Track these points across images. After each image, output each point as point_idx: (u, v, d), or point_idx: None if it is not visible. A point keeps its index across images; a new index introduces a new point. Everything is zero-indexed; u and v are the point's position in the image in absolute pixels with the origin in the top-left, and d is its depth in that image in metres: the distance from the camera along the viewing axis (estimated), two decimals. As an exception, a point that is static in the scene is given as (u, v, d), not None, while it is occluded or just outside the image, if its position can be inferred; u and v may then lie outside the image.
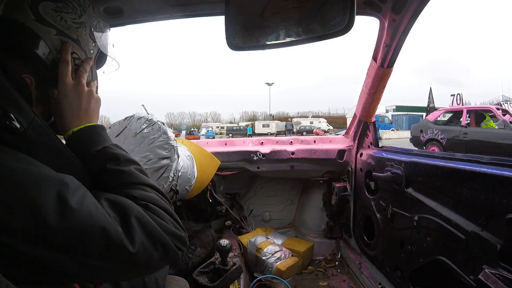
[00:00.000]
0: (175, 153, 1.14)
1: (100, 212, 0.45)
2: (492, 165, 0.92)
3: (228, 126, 42.81)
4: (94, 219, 0.43)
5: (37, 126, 0.49)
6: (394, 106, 38.97)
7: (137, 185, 0.56)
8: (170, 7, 1.09)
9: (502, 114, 7.41)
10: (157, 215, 0.52)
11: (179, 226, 0.55)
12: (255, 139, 2.11)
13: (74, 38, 0.61)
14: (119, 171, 0.56)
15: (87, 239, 0.42)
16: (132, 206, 0.50)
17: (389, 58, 1.36)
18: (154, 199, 0.55)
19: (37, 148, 0.48)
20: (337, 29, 0.74)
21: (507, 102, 15.69)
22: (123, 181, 0.56)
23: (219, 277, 1.22)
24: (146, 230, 0.48)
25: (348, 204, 1.95)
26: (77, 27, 0.61)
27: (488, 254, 0.85)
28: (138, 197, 0.53)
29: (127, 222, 0.47)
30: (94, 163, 0.57)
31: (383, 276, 1.53)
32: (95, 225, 0.43)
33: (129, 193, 0.53)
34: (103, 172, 0.56)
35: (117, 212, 0.48)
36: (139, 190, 0.55)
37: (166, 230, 0.51)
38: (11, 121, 0.44)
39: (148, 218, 0.50)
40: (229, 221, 2.07)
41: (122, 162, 0.58)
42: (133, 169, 0.58)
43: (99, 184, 0.55)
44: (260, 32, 0.86)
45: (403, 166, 1.30)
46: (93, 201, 0.46)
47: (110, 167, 0.56)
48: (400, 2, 1.11)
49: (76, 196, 0.44)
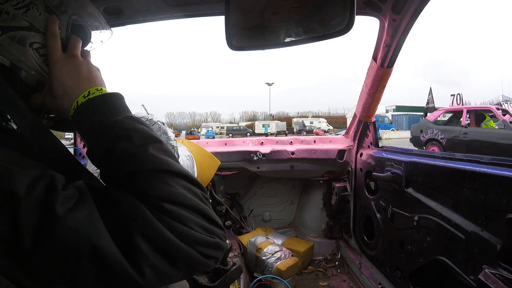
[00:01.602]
0: (175, 153, 1.14)
1: (92, 225, 0.35)
2: (492, 165, 0.92)
3: (228, 126, 42.83)
4: (81, 235, 0.34)
5: (36, 128, 0.46)
6: (394, 106, 39.00)
7: (154, 174, 0.41)
8: (170, 7, 1.09)
9: (502, 114, 7.42)
10: (179, 219, 0.39)
11: (213, 225, 0.42)
12: (255, 139, 2.11)
13: (25, 26, 0.49)
14: (130, 153, 0.42)
15: (71, 261, 0.33)
16: (138, 215, 0.37)
17: (389, 58, 1.36)
18: (176, 194, 0.40)
19: (34, 150, 0.44)
20: (337, 29, 0.74)
21: (507, 102, 15.68)
22: (135, 168, 0.41)
23: (219, 277, 1.22)
24: (158, 248, 0.36)
25: (348, 204, 1.95)
26: (25, 12, 0.49)
27: (488, 254, 0.85)
28: (152, 195, 0.39)
29: (128, 241, 0.35)
30: (99, 144, 0.44)
31: (383, 276, 1.53)
32: (82, 243, 0.34)
33: (142, 188, 0.39)
34: (110, 155, 0.43)
35: (119, 226, 0.36)
36: (156, 181, 0.40)
37: (191, 241, 0.39)
38: (7, 122, 0.42)
39: (162, 231, 0.37)
40: (229, 221, 2.07)
41: (136, 140, 0.43)
42: (151, 150, 0.43)
43: (104, 173, 0.44)
44: (260, 32, 0.86)
45: (403, 166, 1.30)
46: (86, 212, 0.35)
47: (120, 147, 0.42)
48: (400, 2, 1.11)
49: (63, 207, 0.34)
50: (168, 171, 0.42)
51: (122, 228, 0.36)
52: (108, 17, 1.08)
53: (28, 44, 0.50)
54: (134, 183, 0.40)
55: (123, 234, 0.36)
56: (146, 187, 0.39)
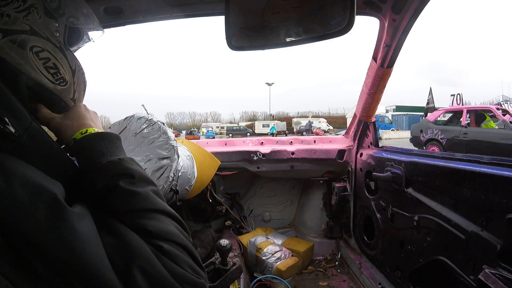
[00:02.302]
0: (175, 153, 1.14)
1: (98, 254, 0.37)
2: (492, 165, 0.92)
3: (228, 126, 42.78)
4: (87, 260, 0.36)
5: (35, 132, 0.45)
6: (394, 106, 38.96)
7: (153, 214, 0.46)
8: (170, 7, 1.09)
9: (502, 114, 7.42)
10: (173, 259, 0.42)
11: (199, 268, 0.45)
12: (255, 139, 2.11)
13: (26, 30, 0.51)
14: (133, 192, 0.46)
15: (73, 282, 0.35)
16: (140, 251, 0.40)
17: (389, 58, 1.36)
18: (172, 234, 0.45)
19: (32, 155, 0.44)
20: (337, 29, 0.74)
21: (507, 102, 15.68)
22: (137, 206, 0.45)
23: (219, 277, 1.22)
24: (153, 283, 0.39)
25: (348, 204, 1.95)
26: (26, 15, 0.51)
27: (488, 254, 0.85)
28: (153, 232, 0.43)
29: (128, 273, 0.38)
30: (101, 178, 0.46)
31: (383, 276, 1.53)
32: (86, 269, 0.35)
33: (143, 225, 0.43)
34: (112, 190, 0.45)
35: (120, 256, 0.38)
36: (155, 221, 0.45)
37: (183, 280, 0.41)
38: (5, 125, 0.42)
39: (159, 268, 0.40)
40: (229, 221, 2.07)
41: (138, 181, 0.47)
42: (150, 192, 0.48)
43: (103, 206, 0.45)
44: (260, 32, 0.86)
45: (403, 166, 1.30)
46: (93, 236, 0.38)
47: (123, 185, 0.45)
48: (400, 2, 1.11)
49: (71, 228, 0.37)
50: (164, 211, 0.47)
51: (124, 259, 0.38)
52: (108, 17, 1.08)
53: (29, 48, 0.51)
54: (137, 221, 0.44)
55: (123, 265, 0.38)
56: (147, 226, 0.43)
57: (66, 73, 0.58)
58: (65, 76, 0.58)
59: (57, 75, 0.56)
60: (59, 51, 0.57)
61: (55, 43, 0.56)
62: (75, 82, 0.61)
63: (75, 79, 0.61)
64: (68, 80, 0.59)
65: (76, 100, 0.63)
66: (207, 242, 1.62)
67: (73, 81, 0.60)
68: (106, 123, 55.82)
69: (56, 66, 0.56)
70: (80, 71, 0.63)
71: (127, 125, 1.27)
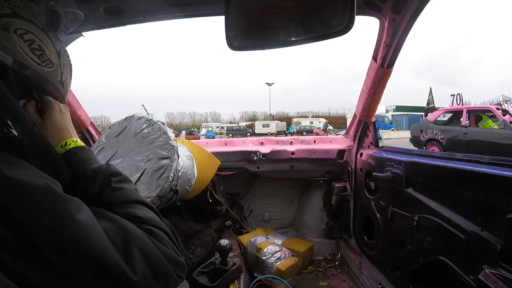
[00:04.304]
0: (175, 153, 1.14)
1: (100, 236, 0.42)
2: (492, 165, 0.92)
3: (228, 126, 42.74)
4: (93, 243, 0.41)
5: (35, 136, 0.48)
6: (394, 106, 38.93)
7: (140, 205, 0.54)
8: (170, 7, 1.09)
9: (502, 114, 7.42)
10: (161, 241, 0.50)
11: (179, 251, 0.53)
12: (255, 139, 2.11)
13: (8, 13, 0.52)
14: (123, 187, 0.54)
15: (81, 264, 0.40)
16: (136, 233, 0.47)
17: (389, 58, 1.36)
18: (157, 221, 0.53)
19: (32, 158, 0.46)
20: (337, 29, 0.74)
21: (507, 102, 15.67)
22: (127, 198, 0.53)
23: (219, 277, 1.22)
24: (149, 260, 0.46)
25: (348, 204, 1.95)
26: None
27: (488, 254, 0.85)
28: (144, 218, 0.51)
29: (128, 251, 0.44)
30: (96, 179, 0.53)
31: (383, 276, 1.53)
32: (93, 250, 0.41)
33: (135, 213, 0.51)
34: (106, 187, 0.53)
35: (119, 238, 0.45)
36: (142, 210, 0.53)
37: (169, 258, 0.49)
38: (8, 129, 0.43)
39: (152, 247, 0.47)
40: (229, 221, 2.07)
41: (124, 179, 0.56)
42: (133, 188, 0.57)
43: (100, 201, 0.52)
44: (260, 32, 0.86)
45: (403, 166, 1.30)
46: (94, 222, 0.43)
47: (115, 183, 0.54)
48: (400, 2, 1.11)
49: (77, 215, 0.41)
50: (147, 204, 0.56)
51: (123, 240, 0.45)
52: (108, 17, 1.08)
53: (13, 30, 0.51)
54: (129, 211, 0.52)
55: (123, 245, 0.44)
56: (138, 213, 0.52)
57: (52, 55, 0.58)
58: (51, 57, 0.58)
59: (43, 57, 0.56)
60: (43, 33, 0.56)
61: (38, 25, 0.56)
62: (61, 64, 0.61)
63: (61, 61, 0.60)
64: (55, 61, 0.59)
65: (64, 83, 0.62)
66: (207, 242, 1.62)
67: (59, 62, 0.60)
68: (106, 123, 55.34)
69: (42, 48, 0.55)
70: (65, 53, 0.63)
71: (127, 125, 1.27)
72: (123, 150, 1.22)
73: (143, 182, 1.10)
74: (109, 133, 1.31)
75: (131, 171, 1.14)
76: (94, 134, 1.71)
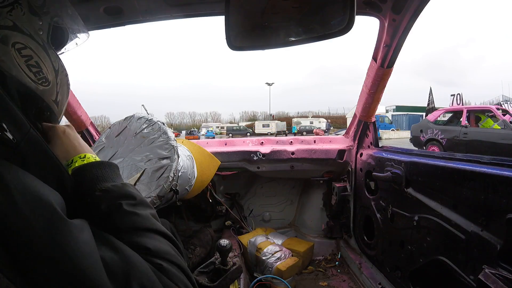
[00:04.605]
0: (175, 153, 1.14)
1: (96, 267, 0.37)
2: (492, 165, 0.92)
3: (228, 126, 42.72)
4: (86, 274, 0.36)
5: (32, 139, 0.45)
6: (394, 106, 38.93)
7: (152, 234, 0.48)
8: (170, 7, 1.09)
9: (502, 114, 7.41)
10: (172, 278, 0.44)
11: (192, 285, 0.47)
12: (255, 139, 2.11)
13: (9, 26, 0.49)
14: (135, 212, 0.49)
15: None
16: (140, 267, 0.41)
17: (389, 58, 1.36)
18: (170, 254, 0.47)
19: (30, 162, 0.44)
20: (337, 29, 0.74)
21: (507, 102, 15.67)
22: (138, 225, 0.48)
23: (219, 277, 1.22)
24: None
25: (348, 204, 1.95)
26: (9, 11, 0.49)
27: (488, 254, 0.85)
28: (153, 250, 0.45)
29: (128, 287, 0.39)
30: (104, 199, 0.49)
31: (383, 276, 1.53)
32: (85, 282, 0.36)
33: (143, 243, 0.46)
34: (115, 211, 0.48)
35: (119, 270, 0.39)
36: (154, 240, 0.47)
37: None
38: (3, 131, 0.41)
39: (157, 285, 0.41)
40: (229, 221, 2.07)
41: (139, 204, 0.51)
42: (149, 214, 0.51)
43: (106, 224, 0.47)
44: (260, 32, 0.86)
45: (403, 166, 1.30)
46: (92, 250, 0.39)
47: (126, 206, 0.49)
48: (400, 2, 1.11)
49: (70, 240, 0.37)
50: (163, 233, 0.50)
51: (123, 273, 0.39)
52: (108, 17, 1.08)
53: (11, 44, 0.49)
54: (138, 239, 0.46)
55: (123, 279, 0.39)
56: (147, 243, 0.46)
57: (49, 73, 0.56)
58: (48, 76, 0.56)
59: (40, 74, 0.54)
60: (42, 50, 0.54)
61: (38, 41, 0.54)
62: (58, 83, 0.58)
63: (58, 80, 0.58)
64: (51, 80, 0.56)
65: (59, 103, 0.60)
66: (206, 242, 1.62)
67: (56, 82, 0.58)
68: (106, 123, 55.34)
69: (39, 65, 0.53)
70: (64, 72, 0.60)
71: (127, 125, 1.27)
72: (123, 150, 1.22)
73: (143, 182, 1.10)
74: (109, 133, 1.31)
75: (131, 171, 1.14)
76: (94, 134, 1.72)
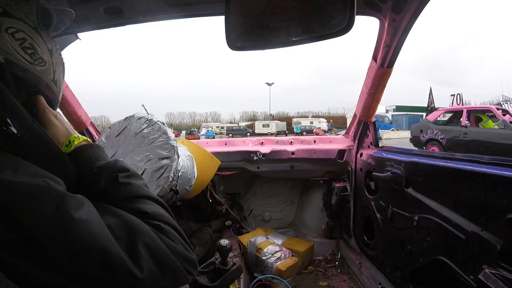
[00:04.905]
0: (175, 153, 1.14)
1: (103, 232, 0.41)
2: (492, 165, 0.92)
3: (228, 126, 42.69)
4: (95, 239, 0.40)
5: (35, 133, 0.48)
6: (394, 106, 38.91)
7: (147, 200, 0.53)
8: (170, 7, 1.09)
9: (502, 114, 7.41)
10: (169, 236, 0.49)
11: (188, 247, 0.52)
12: (255, 139, 2.11)
13: (0, 12, 0.51)
14: (130, 183, 0.54)
15: (84, 260, 0.39)
16: (142, 228, 0.46)
17: (389, 58, 1.36)
18: (165, 216, 0.53)
19: (33, 154, 0.46)
20: (337, 29, 0.74)
21: (507, 102, 15.68)
22: (134, 193, 0.53)
23: (219, 277, 1.22)
24: (156, 256, 0.45)
25: (348, 204, 1.95)
26: None
27: (488, 254, 0.85)
28: (151, 213, 0.50)
29: (134, 247, 0.43)
30: (102, 175, 0.53)
31: (383, 276, 1.53)
32: (95, 246, 0.40)
33: (141, 208, 0.50)
34: (112, 183, 0.53)
35: (124, 233, 0.44)
36: (150, 205, 0.52)
37: (177, 254, 0.48)
38: (7, 126, 0.44)
39: (159, 243, 0.46)
40: (229, 221, 2.07)
41: (132, 175, 0.56)
42: (142, 183, 0.56)
43: (107, 197, 0.52)
44: (260, 32, 0.86)
45: (403, 166, 1.30)
46: (96, 218, 0.43)
47: (122, 178, 0.53)
48: (400, 2, 1.11)
49: (77, 212, 0.41)
50: (155, 199, 0.55)
51: (128, 236, 0.44)
52: (108, 17, 1.08)
53: (4, 29, 0.50)
54: (136, 205, 0.51)
55: (129, 241, 0.43)
56: (145, 208, 0.51)
57: (44, 53, 0.57)
58: (43, 56, 0.57)
59: (35, 55, 0.55)
60: (34, 32, 0.56)
61: (30, 24, 0.55)
62: (53, 62, 0.60)
63: (53, 59, 0.60)
64: (47, 60, 0.58)
65: (57, 82, 0.61)
66: (205, 241, 1.63)
67: (51, 61, 0.59)
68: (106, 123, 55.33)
69: (33, 46, 0.55)
70: (57, 52, 0.62)
71: (127, 125, 1.27)
72: (123, 150, 1.22)
73: (143, 182, 1.10)
74: (109, 133, 1.31)
75: (131, 171, 1.14)
76: (94, 134, 1.72)
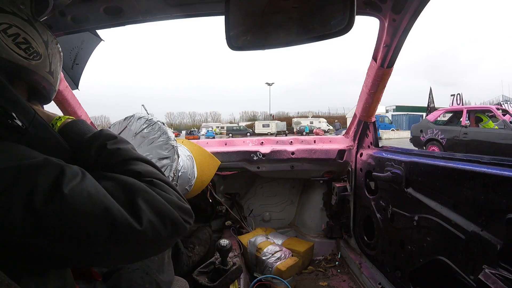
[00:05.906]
0: (175, 153, 1.14)
1: (100, 193, 0.44)
2: (492, 165, 0.92)
3: (228, 126, 42.65)
4: (94, 200, 0.42)
5: (38, 123, 0.50)
6: (394, 106, 38.89)
7: (137, 161, 0.56)
8: (170, 7, 1.09)
9: (502, 114, 7.41)
10: (163, 189, 0.52)
11: (182, 198, 0.55)
12: (255, 139, 2.11)
13: None
14: (119, 148, 0.56)
15: (87, 222, 0.41)
16: (137, 185, 0.49)
17: (389, 58, 1.35)
18: (156, 173, 0.55)
19: (37, 144, 0.49)
20: (337, 29, 0.74)
21: (507, 102, 15.67)
22: (124, 157, 0.56)
23: (219, 277, 1.22)
24: (154, 207, 0.48)
25: (348, 204, 1.95)
26: None
27: (488, 254, 0.85)
28: (142, 172, 0.53)
29: (132, 202, 0.46)
30: (92, 145, 0.56)
31: (383, 276, 1.53)
32: (96, 207, 0.42)
33: (133, 169, 0.53)
34: (102, 151, 0.55)
35: (121, 193, 0.47)
36: (141, 165, 0.55)
37: (173, 204, 0.51)
38: (13, 119, 0.46)
39: (155, 195, 0.49)
40: (229, 221, 2.07)
41: (119, 141, 0.59)
42: (130, 147, 0.59)
43: (99, 165, 0.55)
44: (260, 32, 0.86)
45: (403, 166, 1.30)
46: (92, 183, 0.45)
47: (110, 145, 0.56)
48: (400, 2, 1.11)
49: (73, 180, 0.43)
50: (145, 160, 0.58)
51: (126, 194, 0.47)
52: (108, 17, 1.08)
53: None
54: (128, 167, 0.54)
55: (127, 198, 0.46)
56: (136, 168, 0.54)
57: (39, 46, 0.57)
58: (38, 49, 0.57)
59: (30, 50, 0.55)
60: (28, 25, 0.55)
61: (23, 17, 0.54)
62: (49, 54, 0.60)
63: (49, 50, 0.59)
64: (42, 53, 0.57)
65: (53, 72, 0.61)
66: (205, 240, 1.63)
67: (47, 53, 0.59)
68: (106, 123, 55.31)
69: (27, 41, 0.54)
70: (54, 41, 0.61)
71: (127, 125, 1.27)
72: (123, 150, 1.22)
73: (143, 182, 1.10)
74: (109, 133, 1.31)
75: (131, 171, 1.14)
76: (94, 134, 1.71)
